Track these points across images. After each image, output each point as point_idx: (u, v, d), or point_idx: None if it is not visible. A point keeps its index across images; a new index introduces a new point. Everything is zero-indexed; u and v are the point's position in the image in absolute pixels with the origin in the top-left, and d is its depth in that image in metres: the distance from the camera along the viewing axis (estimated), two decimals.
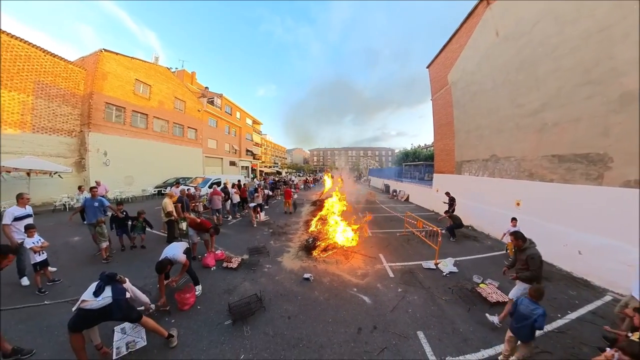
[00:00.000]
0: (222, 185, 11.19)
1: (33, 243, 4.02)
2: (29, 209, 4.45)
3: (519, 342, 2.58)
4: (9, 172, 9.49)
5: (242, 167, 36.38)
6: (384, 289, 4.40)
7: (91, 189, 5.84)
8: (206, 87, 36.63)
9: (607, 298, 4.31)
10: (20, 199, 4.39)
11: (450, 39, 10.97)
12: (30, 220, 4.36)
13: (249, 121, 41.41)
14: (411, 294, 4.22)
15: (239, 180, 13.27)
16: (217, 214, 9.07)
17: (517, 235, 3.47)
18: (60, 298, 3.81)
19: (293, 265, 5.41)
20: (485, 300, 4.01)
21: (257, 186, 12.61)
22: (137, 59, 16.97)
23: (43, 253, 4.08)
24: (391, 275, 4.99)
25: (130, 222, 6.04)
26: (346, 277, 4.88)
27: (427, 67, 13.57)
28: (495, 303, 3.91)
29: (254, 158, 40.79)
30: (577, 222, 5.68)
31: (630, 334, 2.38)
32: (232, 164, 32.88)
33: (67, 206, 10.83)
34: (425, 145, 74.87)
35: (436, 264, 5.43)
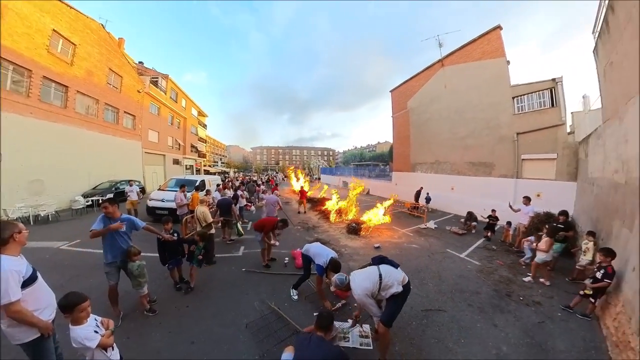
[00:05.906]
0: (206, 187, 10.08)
1: None
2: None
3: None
4: None
5: (187, 166, 30.32)
6: (415, 240, 7.55)
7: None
8: (140, 62, 30.21)
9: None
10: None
11: (412, 77, 16.05)
12: None
13: (194, 112, 35.78)
14: (429, 239, 7.70)
15: (223, 181, 13.47)
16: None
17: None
18: None
19: (357, 244, 7.02)
20: (457, 234, 8.37)
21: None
22: (61, 1, 11.38)
23: None
24: (410, 235, 8.31)
25: (185, 247, 4.25)
26: (394, 240, 7.52)
27: (391, 91, 18.55)
28: (463, 234, 8.34)
29: (198, 156, 35.02)
30: (481, 194, 11.26)
31: None
32: (176, 162, 27.19)
33: None
34: (362, 146, 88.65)
35: (426, 224, 9.67)
